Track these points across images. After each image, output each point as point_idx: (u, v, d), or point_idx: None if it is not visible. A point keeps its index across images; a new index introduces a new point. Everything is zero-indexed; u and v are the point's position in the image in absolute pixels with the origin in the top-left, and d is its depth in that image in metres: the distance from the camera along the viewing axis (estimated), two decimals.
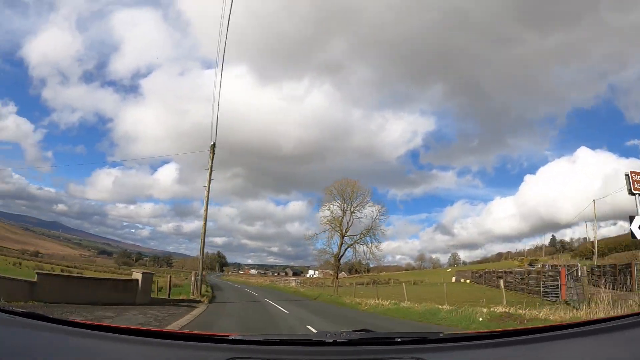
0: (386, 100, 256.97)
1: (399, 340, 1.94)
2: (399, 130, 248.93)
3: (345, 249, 70.31)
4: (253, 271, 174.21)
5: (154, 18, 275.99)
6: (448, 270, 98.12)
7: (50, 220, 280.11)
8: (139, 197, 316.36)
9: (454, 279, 63.55)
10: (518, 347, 1.86)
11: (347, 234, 69.48)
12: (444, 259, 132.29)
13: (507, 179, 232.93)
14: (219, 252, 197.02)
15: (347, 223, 69.85)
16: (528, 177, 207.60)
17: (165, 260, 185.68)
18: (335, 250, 69.94)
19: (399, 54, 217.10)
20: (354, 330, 2.08)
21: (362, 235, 69.48)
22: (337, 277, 66.67)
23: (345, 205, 69.94)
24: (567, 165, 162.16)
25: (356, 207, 69.66)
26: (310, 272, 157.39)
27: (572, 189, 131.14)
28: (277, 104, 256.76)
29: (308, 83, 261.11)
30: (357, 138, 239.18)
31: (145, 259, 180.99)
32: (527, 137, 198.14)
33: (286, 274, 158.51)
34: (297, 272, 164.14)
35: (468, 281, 56.33)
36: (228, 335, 1.97)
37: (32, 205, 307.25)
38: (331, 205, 69.68)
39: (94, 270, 63.55)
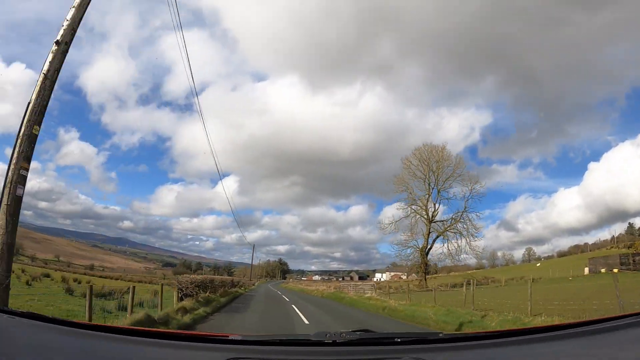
0: (440, 97, 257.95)
1: (399, 340, 1.88)
2: (455, 126, 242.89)
3: (434, 240, 50.21)
4: (316, 277, 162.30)
5: (202, 38, 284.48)
6: (538, 264, 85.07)
7: (117, 236, 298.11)
8: (202, 210, 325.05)
9: (587, 270, 44.20)
10: (518, 347, 1.80)
11: (435, 219, 49.88)
12: (514, 255, 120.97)
13: (571, 168, 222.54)
14: (280, 260, 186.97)
15: (434, 205, 48.98)
16: (592, 165, 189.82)
17: (225, 269, 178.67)
18: (417, 244, 50.61)
19: (447, 48, 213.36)
20: (354, 331, 2.01)
21: (454, 221, 49.24)
22: (425, 279, 47.59)
23: (429, 179, 50.05)
24: (631, 149, 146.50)
25: (444, 182, 49.86)
26: (378, 275, 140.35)
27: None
28: (331, 110, 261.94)
29: (360, 87, 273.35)
30: (413, 138, 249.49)
31: (205, 268, 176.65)
32: (587, 123, 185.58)
33: (351, 278, 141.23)
34: (363, 276, 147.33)
35: (615, 270, 36.91)
36: (227, 336, 1.91)
37: (99, 223, 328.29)
38: (410, 183, 50.78)
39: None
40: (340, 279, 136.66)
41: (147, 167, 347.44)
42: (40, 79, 5.25)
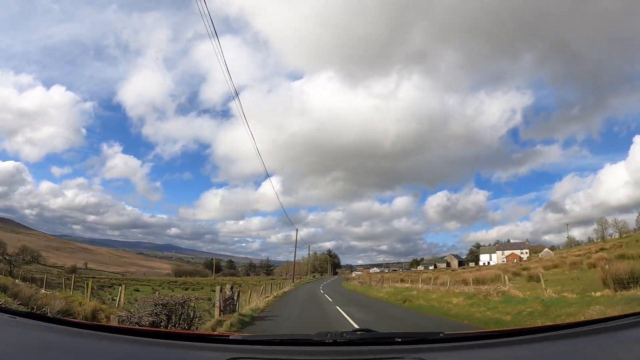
0: (478, 81, 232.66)
1: (400, 340, 1.79)
2: (496, 110, 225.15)
3: None
4: (375, 269, 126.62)
5: (235, 44, 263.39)
6: None
7: (164, 243, 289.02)
8: (247, 212, 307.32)
9: None
10: (518, 347, 1.71)
11: None
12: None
13: (616, 143, 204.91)
14: (329, 251, 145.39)
15: None
16: (638, 138, 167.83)
17: (263, 267, 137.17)
18: None
19: (481, 30, 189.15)
20: (355, 330, 1.92)
21: None
22: None
23: None
24: None
25: None
26: (484, 257, 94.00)
27: None
28: (370, 103, 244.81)
29: (396, 77, 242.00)
30: (454, 125, 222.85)
31: (238, 268, 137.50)
32: (631, 94, 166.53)
33: (448, 264, 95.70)
34: (463, 262, 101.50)
35: None
36: (228, 336, 1.85)
37: (147, 232, 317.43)
38: None
39: None
40: (394, 270, 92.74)
41: (191, 174, 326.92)
42: None
